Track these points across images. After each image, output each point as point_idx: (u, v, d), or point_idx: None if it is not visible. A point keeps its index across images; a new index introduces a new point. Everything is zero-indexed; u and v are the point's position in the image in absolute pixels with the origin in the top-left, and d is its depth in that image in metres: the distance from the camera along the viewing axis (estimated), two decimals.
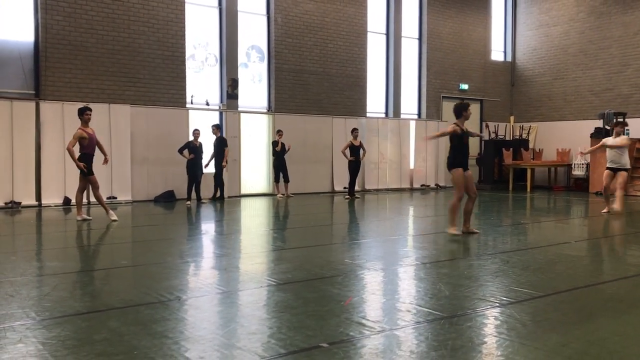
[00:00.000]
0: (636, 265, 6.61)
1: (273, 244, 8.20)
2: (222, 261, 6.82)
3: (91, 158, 10.02)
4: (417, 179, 18.58)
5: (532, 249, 7.63)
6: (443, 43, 19.33)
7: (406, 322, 4.28)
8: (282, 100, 16.09)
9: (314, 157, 16.50)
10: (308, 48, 16.44)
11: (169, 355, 3.55)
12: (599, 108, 17.82)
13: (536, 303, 4.81)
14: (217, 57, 15.36)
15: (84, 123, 9.94)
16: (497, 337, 3.96)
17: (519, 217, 11.85)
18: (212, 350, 3.65)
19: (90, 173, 9.95)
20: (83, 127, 9.92)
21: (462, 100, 19.79)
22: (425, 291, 5.28)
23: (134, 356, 3.53)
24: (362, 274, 5.97)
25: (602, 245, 8.31)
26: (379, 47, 18.39)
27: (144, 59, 13.91)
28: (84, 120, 9.94)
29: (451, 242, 8.40)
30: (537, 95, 20.17)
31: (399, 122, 18.23)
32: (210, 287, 5.37)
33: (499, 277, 5.79)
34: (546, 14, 19.89)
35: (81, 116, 9.98)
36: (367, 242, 8.37)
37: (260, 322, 4.30)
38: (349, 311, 4.51)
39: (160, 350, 3.62)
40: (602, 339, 3.87)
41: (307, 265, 6.39)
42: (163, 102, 14.20)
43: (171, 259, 6.87)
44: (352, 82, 17.34)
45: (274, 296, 5.07)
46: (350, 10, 17.15)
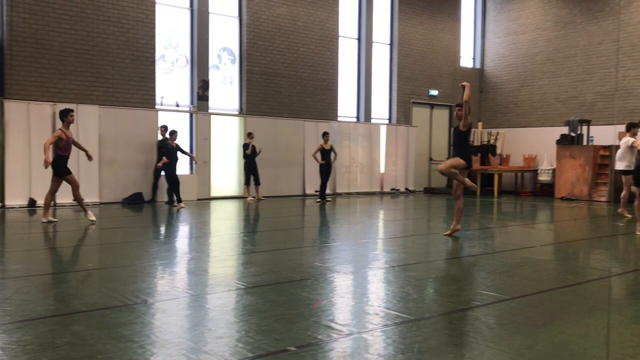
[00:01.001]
0: (599, 268, 6.77)
1: (243, 247, 8.16)
2: (191, 264, 6.75)
3: (66, 160, 9.87)
4: (387, 183, 18.72)
5: (498, 252, 7.75)
6: (413, 49, 19.53)
7: (374, 325, 4.30)
8: (254, 103, 16.04)
9: (285, 160, 16.48)
10: (280, 51, 16.43)
11: (134, 359, 3.50)
12: (564, 115, 18.22)
13: (502, 306, 4.88)
14: (188, 58, 15.24)
15: (66, 125, 9.82)
16: (463, 339, 4.01)
17: (486, 222, 12.02)
18: (178, 354, 3.60)
19: (67, 172, 9.82)
20: (63, 129, 9.77)
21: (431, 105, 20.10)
22: (393, 294, 5.31)
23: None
24: (331, 277, 5.97)
25: (567, 250, 8.49)
26: (351, 51, 18.49)
27: (113, 59, 13.72)
28: (67, 122, 9.82)
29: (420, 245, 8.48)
30: (504, 101, 20.53)
31: (370, 127, 18.35)
32: (177, 291, 5.31)
33: (465, 280, 5.86)
34: (514, 22, 20.27)
35: (64, 118, 9.83)
36: (337, 245, 8.38)
37: (228, 325, 4.27)
38: (318, 314, 4.51)
39: (125, 355, 3.56)
40: (565, 342, 3.95)
41: (277, 268, 6.37)
42: (132, 102, 14.01)
43: (138, 261, 6.78)
44: (324, 86, 17.39)
45: (243, 299, 5.04)
46: (322, 15, 17.21)
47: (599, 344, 3.88)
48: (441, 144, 20.62)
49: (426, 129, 20.16)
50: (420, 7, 19.61)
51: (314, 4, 17.03)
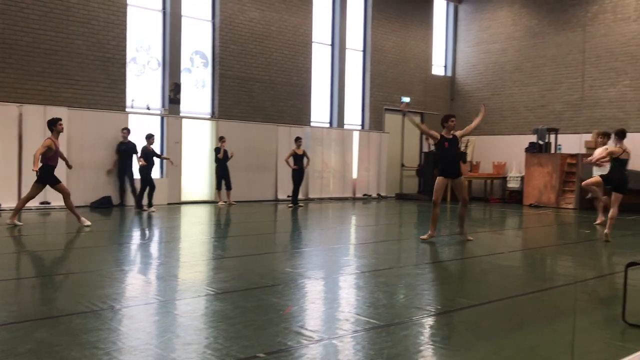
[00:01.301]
0: (565, 275, 6.89)
1: (213, 253, 8.09)
2: (160, 269, 6.67)
3: (53, 169, 9.71)
4: (359, 189, 18.78)
5: (467, 258, 7.83)
6: (386, 56, 19.68)
7: (344, 331, 4.30)
8: (226, 107, 15.95)
9: (258, 164, 16.42)
10: (253, 55, 16.39)
11: None
12: (533, 124, 18.55)
13: (470, 312, 4.93)
14: (160, 61, 15.09)
15: (56, 134, 9.66)
16: (432, 345, 4.04)
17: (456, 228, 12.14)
18: None
19: (56, 182, 9.68)
20: (53, 138, 9.60)
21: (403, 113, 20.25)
22: (364, 300, 5.32)
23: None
24: (302, 283, 5.96)
25: (534, 256, 8.62)
26: (324, 57, 18.54)
27: (82, 61, 13.50)
28: (57, 130, 9.66)
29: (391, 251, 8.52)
30: (475, 109, 20.71)
31: (343, 132, 18.41)
32: (145, 296, 5.23)
33: (435, 286, 5.91)
34: (485, 32, 20.59)
35: (53, 127, 9.65)
36: (309, 251, 8.37)
37: (197, 332, 4.22)
38: (288, 320, 4.49)
39: None
40: (532, 347, 4.00)
41: (247, 274, 6.33)
42: (102, 105, 13.80)
43: (106, 266, 6.67)
44: (297, 91, 17.40)
45: (212, 305, 4.99)
46: (295, 20, 17.23)
47: (565, 349, 3.94)
48: (413, 151, 20.79)
49: (398, 136, 20.31)
50: (393, 15, 19.78)
51: (288, 9, 17.05)
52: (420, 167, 20.34)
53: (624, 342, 4.21)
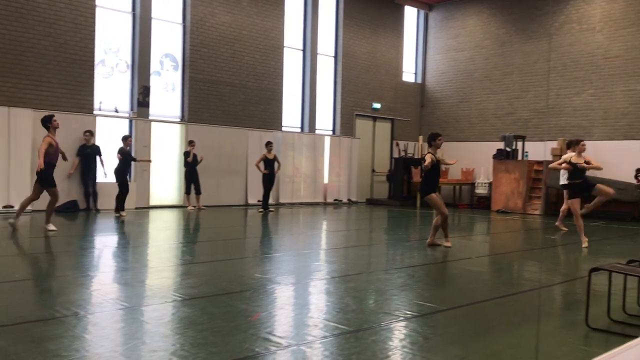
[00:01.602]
0: (531, 280, 7.00)
1: (181, 258, 7.99)
2: (126, 275, 6.55)
3: (53, 168, 9.55)
4: (330, 194, 18.81)
5: (436, 263, 7.90)
6: (357, 62, 19.79)
7: (313, 336, 4.28)
8: (196, 111, 15.81)
9: (228, 169, 16.30)
10: (224, 59, 16.29)
11: None
12: (500, 131, 18.85)
13: (438, 317, 4.97)
14: (129, 63, 14.88)
15: (53, 131, 9.47)
16: (400, 350, 4.05)
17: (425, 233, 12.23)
18: None
19: (51, 184, 9.51)
20: (51, 135, 9.43)
21: (374, 118, 20.39)
22: (333, 305, 5.32)
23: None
24: (271, 289, 5.92)
25: (501, 261, 8.74)
26: (296, 62, 18.54)
27: (48, 62, 13.23)
28: (53, 127, 9.48)
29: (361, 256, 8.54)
30: (444, 116, 21.06)
31: (314, 137, 18.42)
32: (111, 302, 5.13)
33: (404, 291, 5.94)
34: (454, 40, 20.87)
35: (48, 124, 9.47)
36: (278, 256, 8.34)
37: (163, 339, 4.16)
38: (256, 327, 4.46)
39: None
40: (498, 352, 4.05)
41: (216, 279, 6.27)
42: (69, 107, 13.54)
43: (71, 272, 6.53)
44: (268, 95, 17.35)
45: (179, 312, 4.92)
46: (267, 25, 17.20)
47: (530, 353, 4.00)
48: (383, 156, 20.91)
49: (369, 141, 20.42)
50: (364, 21, 19.91)
51: (259, 13, 17.01)
52: (391, 172, 20.48)
53: (587, 346, 4.29)
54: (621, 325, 4.77)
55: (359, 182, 19.65)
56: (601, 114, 17.18)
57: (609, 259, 8.13)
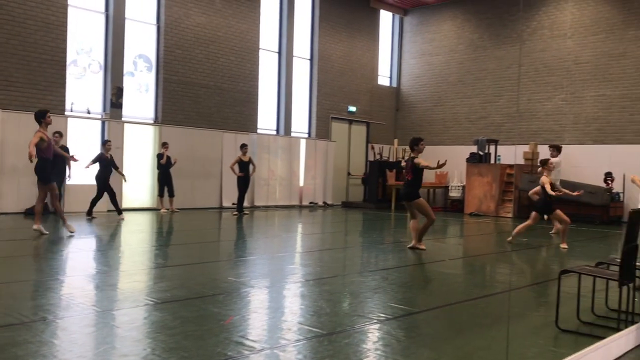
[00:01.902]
0: (503, 282, 7.09)
1: (154, 262, 7.89)
2: (97, 279, 6.45)
3: (50, 164, 9.40)
4: (306, 197, 18.80)
5: (410, 266, 7.94)
6: (333, 65, 19.84)
7: (287, 340, 4.26)
8: (170, 112, 15.67)
9: (203, 171, 16.19)
10: (199, 61, 16.19)
11: None
12: (474, 134, 19.07)
13: (411, 319, 4.99)
14: (102, 64, 14.69)
15: (44, 126, 9.30)
16: (373, 353, 4.05)
17: (399, 236, 12.31)
18: None
19: (49, 180, 9.37)
20: (42, 130, 9.26)
21: (350, 121, 20.46)
22: (307, 308, 5.30)
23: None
24: (245, 292, 5.89)
25: (474, 264, 8.83)
26: (271, 64, 18.51)
27: (18, 62, 12.98)
28: (46, 123, 9.31)
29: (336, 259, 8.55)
30: (419, 120, 21.22)
31: (290, 140, 18.40)
32: (81, 307, 5.04)
33: (378, 294, 5.95)
34: (429, 44, 21.07)
35: (42, 119, 9.27)
36: (253, 259, 8.29)
37: (134, 343, 4.10)
38: (229, 330, 4.42)
39: None
40: (470, 354, 4.08)
41: (189, 283, 6.20)
42: (39, 108, 13.25)
43: (39, 276, 6.41)
44: (244, 97, 17.28)
45: (151, 316, 4.86)
46: (242, 27, 17.14)
47: (501, 355, 4.04)
48: (359, 159, 20.99)
49: (345, 144, 20.47)
50: (340, 25, 19.97)
51: (235, 15, 16.95)
52: (366, 175, 20.55)
53: (557, 347, 4.35)
54: (590, 327, 4.85)
55: (335, 185, 19.69)
56: (572, 118, 17.50)
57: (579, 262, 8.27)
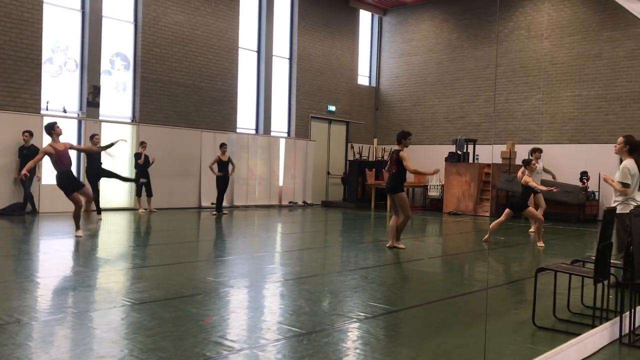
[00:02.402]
0: (481, 280, 7.15)
1: (131, 262, 7.81)
2: (74, 280, 6.36)
3: (69, 175, 9.15)
4: (285, 196, 18.77)
5: (389, 265, 7.97)
6: (313, 65, 19.83)
7: (266, 340, 4.25)
8: (148, 111, 15.52)
9: (181, 171, 16.06)
10: (177, 59, 16.06)
11: None
12: (452, 134, 19.22)
13: (390, 318, 5.01)
14: (78, 62, 14.49)
15: (56, 137, 8.99)
16: (353, 352, 4.06)
17: (379, 235, 12.35)
18: None
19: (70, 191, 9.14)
20: (53, 144, 8.95)
21: (329, 121, 20.47)
22: (286, 308, 5.30)
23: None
24: (224, 292, 5.86)
25: (453, 262, 8.90)
26: (250, 63, 18.44)
27: None
28: (56, 134, 8.98)
29: (315, 258, 8.55)
30: (398, 119, 21.32)
31: (269, 139, 18.35)
32: (57, 308, 4.97)
33: (357, 293, 5.97)
34: (408, 44, 21.18)
35: (52, 131, 8.97)
36: (232, 259, 8.26)
37: (111, 344, 4.05)
38: (208, 331, 4.40)
39: None
40: (448, 352, 4.11)
41: (167, 283, 6.15)
42: (14, 107, 13.08)
43: (14, 277, 6.30)
44: (222, 96, 17.19)
45: (128, 317, 4.81)
46: (221, 25, 17.05)
47: (479, 352, 4.07)
48: (338, 159, 21.01)
49: (324, 144, 20.49)
50: (319, 24, 19.98)
51: (214, 14, 16.85)
52: (346, 175, 20.59)
53: (534, 344, 4.40)
54: (566, 324, 4.92)
55: (314, 185, 19.69)
56: (548, 118, 17.73)
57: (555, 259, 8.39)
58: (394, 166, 9.10)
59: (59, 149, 9.03)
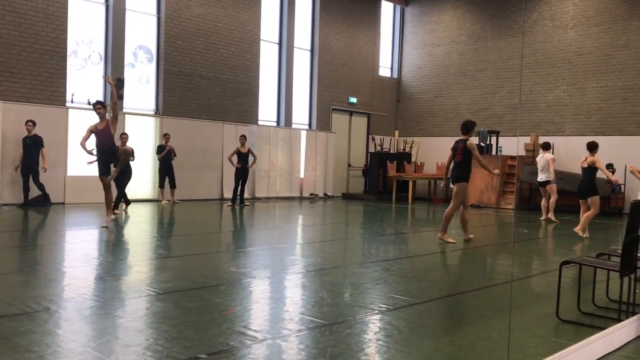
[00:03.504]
0: (504, 273, 7.10)
1: (155, 252, 7.91)
2: (100, 270, 6.47)
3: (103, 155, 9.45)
4: (306, 188, 18.81)
5: (411, 257, 7.96)
6: (334, 56, 19.78)
7: (288, 330, 4.28)
8: (171, 104, 15.65)
9: (203, 163, 16.18)
10: (199, 52, 16.14)
11: None
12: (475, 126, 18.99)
13: (412, 310, 5.01)
14: (102, 55, 14.66)
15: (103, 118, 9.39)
16: (375, 343, 4.07)
17: (400, 227, 12.33)
18: None
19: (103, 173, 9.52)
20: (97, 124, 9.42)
21: (350, 112, 20.43)
22: (308, 299, 5.32)
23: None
24: (247, 283, 5.91)
25: (475, 255, 8.84)
26: (272, 56, 18.46)
27: (19, 53, 12.96)
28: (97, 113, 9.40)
29: (336, 250, 8.57)
30: (420, 111, 21.19)
31: (290, 132, 18.38)
32: (84, 297, 5.06)
33: (379, 285, 5.97)
34: (430, 35, 20.99)
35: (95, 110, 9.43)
36: (254, 251, 8.31)
37: (136, 333, 4.12)
38: (231, 321, 4.44)
39: None
40: (471, 344, 4.10)
41: (190, 274, 6.22)
42: (40, 99, 13.29)
43: (42, 267, 6.43)
44: (244, 89, 17.25)
45: (153, 306, 4.88)
46: (243, 17, 17.08)
47: (502, 345, 4.05)
48: (359, 151, 20.97)
49: (345, 136, 20.46)
50: (341, 15, 19.90)
51: (236, 6, 16.88)
52: (367, 167, 20.55)
53: (557, 337, 4.37)
54: (590, 317, 4.87)
55: (335, 177, 19.69)
56: (573, 110, 17.46)
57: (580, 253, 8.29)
58: (460, 155, 9.16)
59: (99, 128, 9.40)
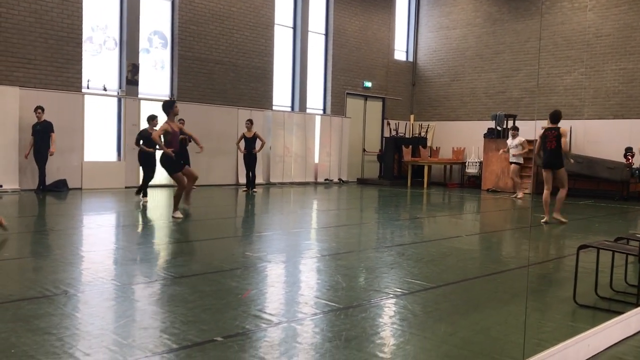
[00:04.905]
0: (520, 258, 7.06)
1: (171, 237, 7.97)
2: (116, 254, 6.54)
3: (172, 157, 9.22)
4: (321, 173, 18.80)
5: (426, 242, 7.93)
6: (348, 40, 19.64)
7: (304, 314, 4.30)
8: (186, 89, 15.67)
9: (218, 148, 16.21)
10: (214, 37, 16.11)
11: (52, 352, 3.34)
12: (492, 110, 18.84)
13: (427, 294, 5.00)
14: (117, 40, 14.69)
15: (172, 117, 9.18)
16: (390, 327, 4.07)
17: (415, 212, 12.29)
18: (99, 346, 3.47)
19: (174, 171, 9.23)
20: (169, 122, 9.09)
21: (365, 97, 20.32)
22: (323, 283, 5.34)
23: (11, 355, 3.28)
24: (262, 267, 5.93)
25: (491, 239, 8.80)
26: (286, 40, 18.38)
27: (35, 39, 13.03)
28: (173, 113, 9.16)
29: (351, 235, 8.57)
30: (435, 95, 21.01)
31: (305, 117, 18.34)
32: (101, 281, 5.12)
33: (394, 269, 5.97)
34: (446, 17, 20.74)
35: (170, 109, 9.10)
36: (269, 235, 8.34)
37: (153, 316, 4.16)
38: (247, 304, 4.47)
39: (42, 348, 3.39)
40: (487, 328, 4.09)
41: (206, 258, 6.27)
42: (56, 85, 13.38)
43: (60, 251, 6.51)
44: (259, 73, 17.21)
45: (169, 290, 4.92)
46: (257, 1, 17.00)
47: (518, 329, 4.03)
48: (374, 135, 20.89)
49: (360, 120, 20.37)
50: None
51: None
52: (382, 152, 20.47)
53: (574, 322, 4.34)
54: (608, 302, 4.83)
55: (350, 162, 19.64)
56: (592, 92, 17.20)
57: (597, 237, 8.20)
58: (554, 142, 9.49)
59: (175, 129, 9.16)
